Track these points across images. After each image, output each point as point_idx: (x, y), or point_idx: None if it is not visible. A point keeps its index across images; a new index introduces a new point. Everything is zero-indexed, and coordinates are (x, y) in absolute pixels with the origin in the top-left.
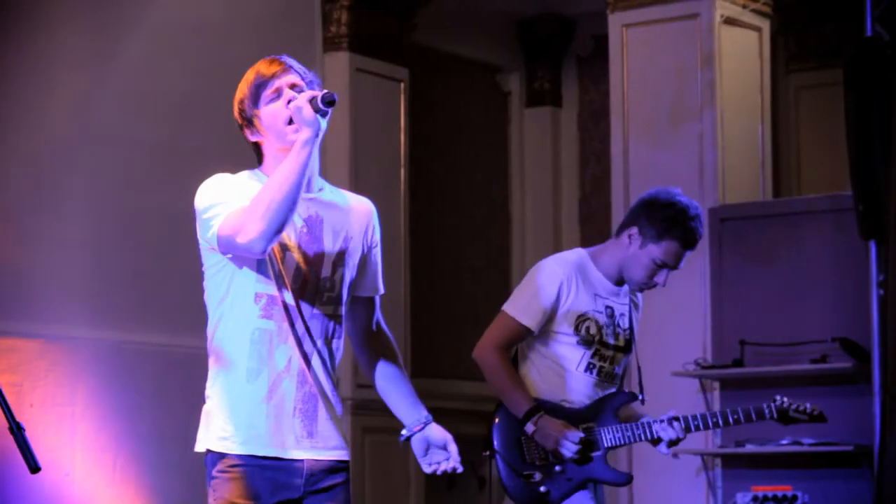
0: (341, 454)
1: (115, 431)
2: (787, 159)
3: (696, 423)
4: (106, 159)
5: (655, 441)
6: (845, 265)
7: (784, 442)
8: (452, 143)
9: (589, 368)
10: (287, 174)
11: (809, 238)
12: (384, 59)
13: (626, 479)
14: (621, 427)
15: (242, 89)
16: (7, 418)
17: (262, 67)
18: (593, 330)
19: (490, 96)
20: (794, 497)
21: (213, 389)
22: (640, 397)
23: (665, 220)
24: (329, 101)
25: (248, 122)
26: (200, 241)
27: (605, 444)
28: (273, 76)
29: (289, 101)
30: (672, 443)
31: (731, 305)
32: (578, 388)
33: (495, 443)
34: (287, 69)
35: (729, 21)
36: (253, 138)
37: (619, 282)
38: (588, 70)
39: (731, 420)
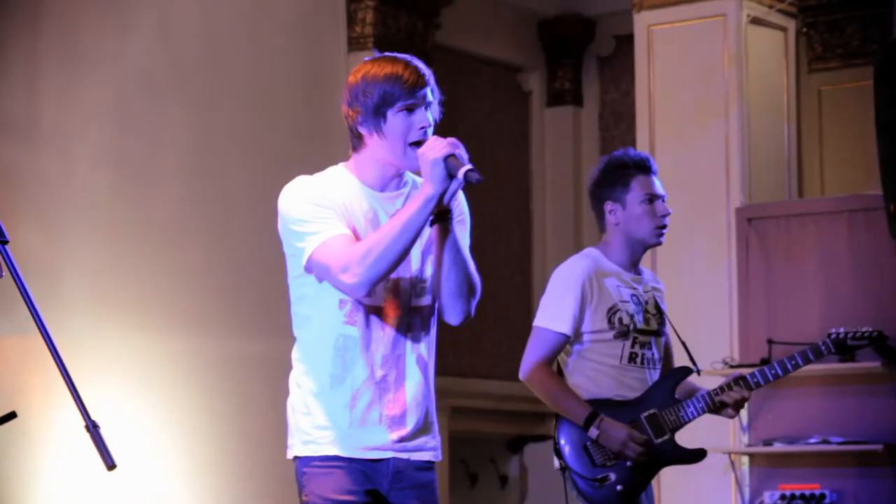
0: (430, 455)
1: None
2: (809, 159)
3: (755, 379)
4: (136, 159)
5: (719, 409)
6: (873, 264)
7: (812, 440)
8: (474, 143)
9: (632, 359)
10: (405, 228)
11: (836, 237)
12: None
13: (699, 455)
14: (682, 405)
15: (376, 78)
16: (83, 416)
17: (405, 71)
18: (626, 320)
19: (511, 96)
20: (822, 496)
21: (297, 395)
22: (696, 369)
23: (615, 171)
24: (471, 182)
25: (368, 113)
26: (286, 245)
27: (671, 427)
28: (417, 86)
29: (421, 140)
30: (738, 404)
31: (758, 304)
32: (628, 381)
33: (563, 455)
34: (427, 85)
35: (755, 21)
36: (361, 130)
37: (635, 269)
38: (609, 70)
39: (789, 367)
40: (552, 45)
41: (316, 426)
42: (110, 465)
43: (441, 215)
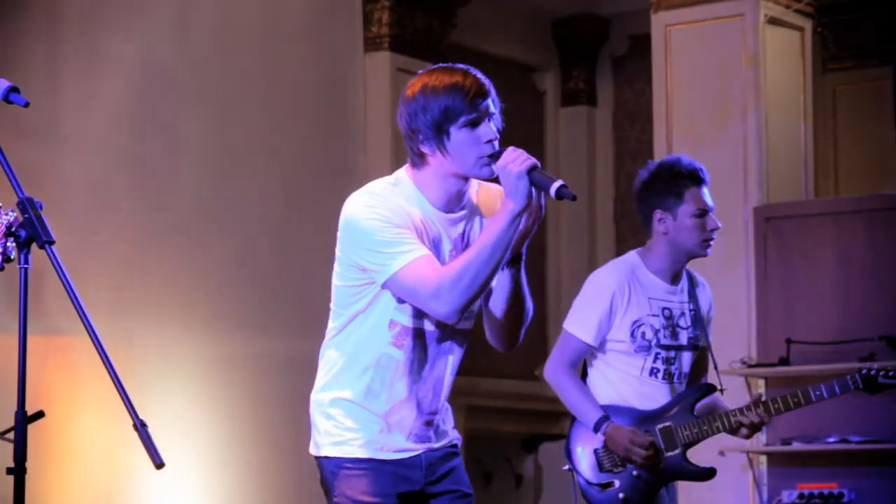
0: (454, 437)
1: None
2: (823, 159)
3: (776, 405)
4: (156, 160)
5: (735, 430)
6: (891, 264)
7: (831, 440)
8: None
9: (653, 373)
10: (494, 249)
11: (855, 237)
12: (424, 59)
13: (708, 474)
14: (698, 422)
15: (435, 92)
16: (131, 415)
17: (465, 81)
18: (649, 335)
19: (526, 96)
20: (841, 495)
21: (328, 395)
22: (720, 388)
23: (669, 180)
24: (564, 198)
25: (429, 132)
26: (352, 256)
27: (683, 441)
28: (479, 97)
29: (493, 152)
30: (754, 427)
31: (776, 304)
32: (648, 392)
33: (572, 456)
34: (489, 94)
35: (773, 21)
36: (424, 149)
37: (675, 278)
38: (623, 70)
39: (813, 397)
40: (566, 45)
41: (346, 428)
42: (158, 464)
43: (514, 260)
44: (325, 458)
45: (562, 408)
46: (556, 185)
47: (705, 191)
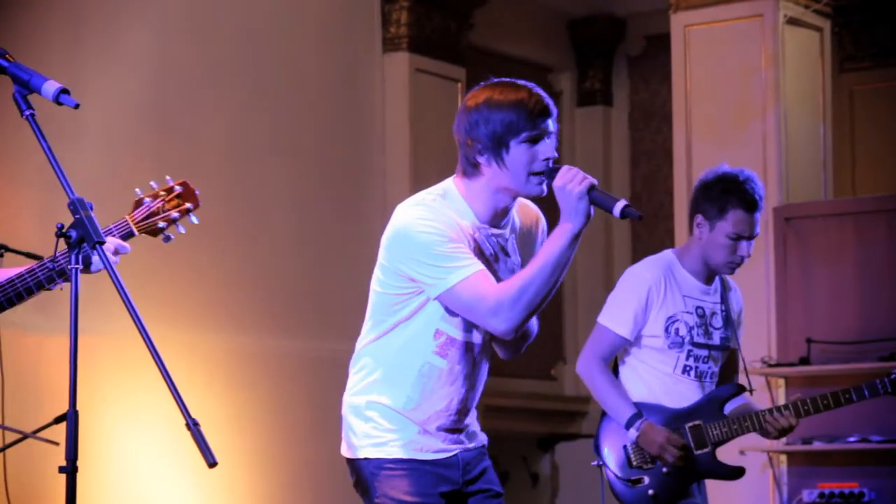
0: (483, 440)
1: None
2: (840, 159)
3: (805, 407)
4: (176, 159)
5: (765, 431)
6: None
7: (852, 439)
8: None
9: (686, 370)
10: (555, 268)
11: (875, 236)
12: (442, 60)
13: (737, 473)
14: (728, 421)
15: (499, 106)
16: (183, 414)
17: (530, 99)
18: (682, 331)
19: None
20: (861, 494)
21: (364, 398)
22: (750, 389)
23: (720, 193)
24: (630, 218)
25: (489, 143)
26: (401, 267)
27: (712, 440)
28: (542, 116)
29: (547, 169)
30: (783, 430)
31: (796, 304)
32: (679, 390)
33: (601, 452)
34: (552, 115)
35: (792, 21)
36: (479, 159)
37: (709, 279)
38: (639, 70)
39: (842, 400)
40: (582, 46)
41: (385, 430)
42: (211, 463)
43: None
44: (365, 459)
45: (578, 407)
46: (619, 204)
47: (752, 218)
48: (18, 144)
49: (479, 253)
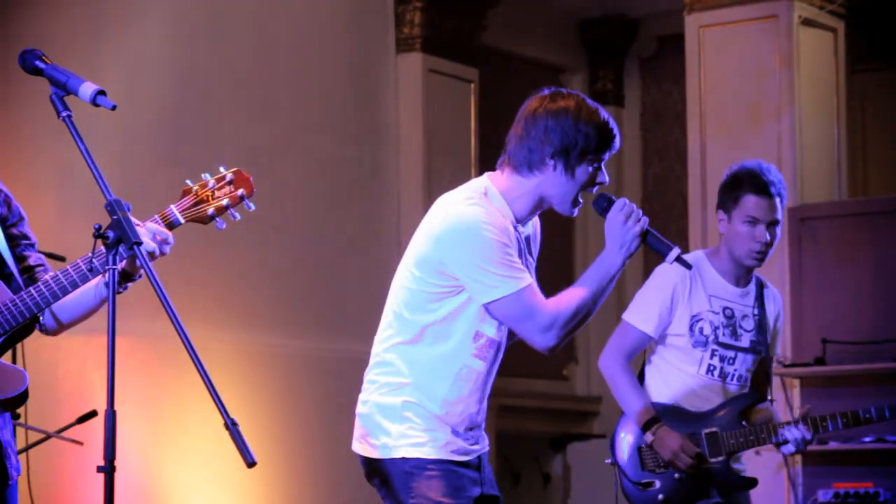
0: (488, 441)
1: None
2: (852, 159)
3: (824, 423)
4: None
5: (781, 443)
6: None
7: (867, 440)
8: None
9: (710, 371)
10: (602, 296)
11: (890, 236)
12: (455, 60)
13: (749, 484)
14: (745, 431)
15: (592, 119)
16: (222, 414)
17: (614, 129)
18: (707, 330)
19: None
20: (877, 494)
21: (398, 398)
22: (770, 399)
23: (733, 183)
24: (667, 255)
25: (565, 147)
26: (449, 264)
27: (727, 449)
28: (613, 147)
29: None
30: (801, 443)
31: (811, 304)
32: (701, 391)
33: (616, 451)
34: (613, 151)
35: (806, 22)
36: (548, 159)
37: (742, 281)
38: (650, 71)
39: (862, 419)
40: (594, 46)
41: (424, 430)
42: (250, 463)
43: None
44: (401, 459)
45: (590, 407)
46: (673, 253)
47: (767, 202)
48: (37, 148)
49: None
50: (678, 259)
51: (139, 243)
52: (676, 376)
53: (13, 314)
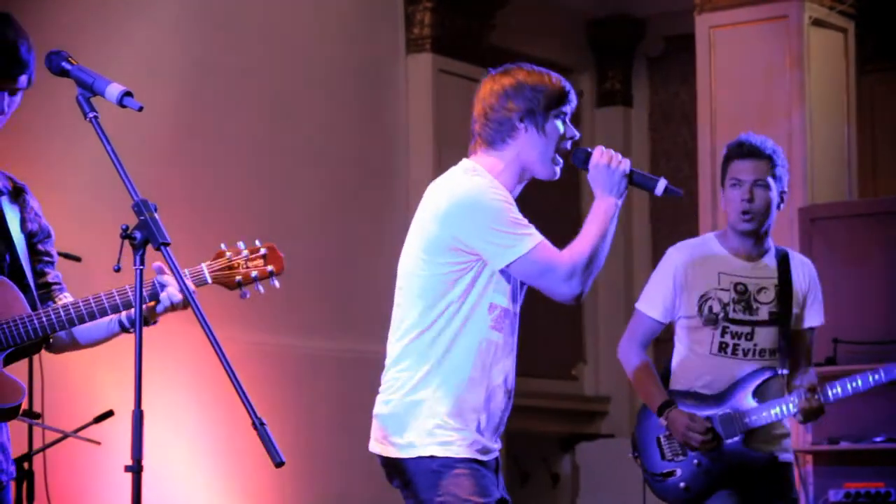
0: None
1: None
2: (861, 159)
3: (833, 389)
4: (204, 159)
5: (793, 415)
6: None
7: (878, 440)
8: None
9: (722, 349)
10: (609, 239)
11: None
12: (465, 61)
13: (770, 462)
14: (756, 409)
15: (542, 79)
16: (250, 414)
17: (560, 80)
18: (716, 308)
19: None
20: (888, 494)
21: (424, 393)
22: (780, 371)
23: (723, 159)
24: (673, 195)
25: (532, 108)
26: (466, 237)
27: (742, 428)
28: (571, 97)
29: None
30: (811, 413)
31: None
32: (716, 371)
33: (638, 445)
34: (573, 104)
35: (816, 22)
36: (518, 124)
37: (754, 255)
38: (658, 71)
39: (871, 380)
40: (602, 47)
41: (452, 428)
42: (278, 463)
43: None
44: (430, 457)
45: (598, 407)
46: (661, 184)
47: (748, 163)
48: (51, 147)
49: None
50: (667, 190)
51: (167, 244)
52: (690, 358)
53: (27, 330)
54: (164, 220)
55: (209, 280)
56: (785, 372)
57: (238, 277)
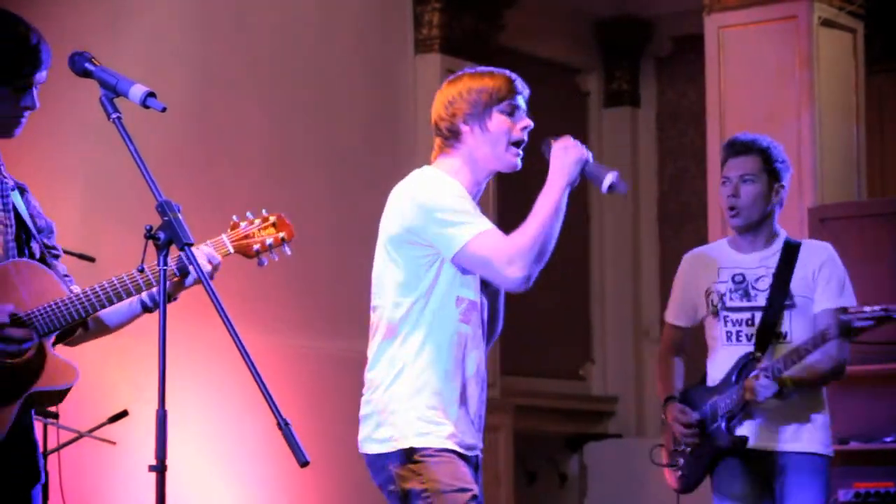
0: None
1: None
2: (869, 160)
3: (777, 366)
4: (214, 159)
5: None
6: None
7: (888, 439)
8: (534, 143)
9: (729, 337)
10: (558, 219)
11: None
12: (473, 61)
13: (739, 444)
14: (730, 392)
15: (481, 79)
16: (275, 415)
17: (508, 76)
18: (716, 300)
19: (569, 97)
20: None
21: (401, 388)
22: (754, 355)
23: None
24: (617, 192)
25: (473, 109)
26: (418, 231)
27: (722, 412)
28: (519, 90)
29: (520, 141)
30: (753, 391)
31: None
32: (729, 360)
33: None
34: (525, 94)
35: (826, 23)
36: (463, 127)
37: (758, 245)
38: (666, 71)
39: (803, 351)
40: (610, 47)
41: (429, 420)
42: (303, 462)
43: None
44: (409, 449)
45: (606, 407)
46: (609, 177)
47: (735, 160)
48: (62, 147)
49: None
50: (612, 186)
51: (190, 244)
52: (714, 352)
53: (70, 312)
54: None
55: (231, 249)
56: (758, 354)
57: (256, 246)
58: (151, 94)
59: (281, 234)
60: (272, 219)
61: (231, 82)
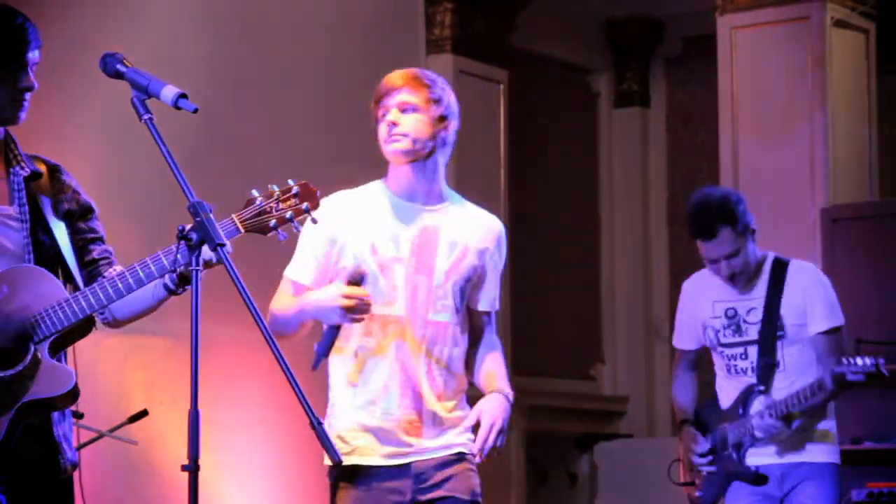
0: (451, 449)
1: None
2: (882, 160)
3: (780, 407)
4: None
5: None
6: None
7: None
8: (545, 144)
9: (729, 370)
10: (292, 322)
11: None
12: (485, 62)
13: (757, 480)
14: (739, 423)
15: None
16: (307, 414)
17: (382, 82)
18: (711, 336)
19: (580, 97)
20: None
21: (330, 404)
22: (758, 389)
23: (686, 223)
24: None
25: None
26: None
27: (731, 442)
28: (382, 96)
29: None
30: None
31: (845, 305)
32: (732, 391)
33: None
34: (394, 91)
35: (838, 23)
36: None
37: (741, 285)
38: (676, 71)
39: (803, 397)
40: (620, 47)
41: (339, 435)
42: (336, 462)
43: None
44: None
45: (616, 407)
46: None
47: (709, 244)
48: (78, 148)
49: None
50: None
51: (222, 245)
52: (719, 380)
53: (66, 314)
54: (181, 221)
55: (241, 230)
56: (761, 388)
57: (272, 221)
58: (183, 96)
59: (304, 205)
60: (295, 188)
61: (241, 82)
